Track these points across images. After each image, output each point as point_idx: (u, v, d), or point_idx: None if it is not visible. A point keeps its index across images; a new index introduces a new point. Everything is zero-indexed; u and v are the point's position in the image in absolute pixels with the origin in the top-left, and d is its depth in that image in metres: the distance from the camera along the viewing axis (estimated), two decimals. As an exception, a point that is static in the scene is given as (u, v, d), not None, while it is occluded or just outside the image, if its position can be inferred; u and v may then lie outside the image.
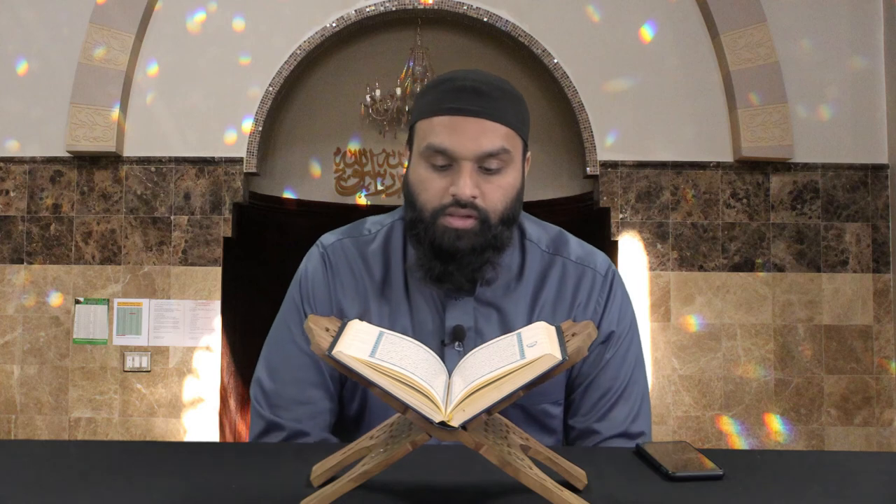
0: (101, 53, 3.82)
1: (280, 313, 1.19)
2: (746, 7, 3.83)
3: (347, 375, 0.70)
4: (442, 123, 1.05)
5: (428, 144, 1.06)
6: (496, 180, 1.06)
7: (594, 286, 1.16)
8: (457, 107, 1.05)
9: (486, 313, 1.12)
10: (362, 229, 1.20)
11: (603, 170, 3.91)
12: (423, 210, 1.07)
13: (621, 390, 1.15)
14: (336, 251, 1.17)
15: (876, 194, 3.89)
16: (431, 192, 1.06)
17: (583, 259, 1.18)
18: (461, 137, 1.04)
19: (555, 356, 0.69)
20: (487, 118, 1.04)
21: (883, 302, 3.85)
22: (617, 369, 1.15)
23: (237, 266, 4.03)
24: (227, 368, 3.96)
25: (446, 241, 1.05)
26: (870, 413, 3.82)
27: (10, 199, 3.90)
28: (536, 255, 1.16)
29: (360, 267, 1.15)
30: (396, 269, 1.15)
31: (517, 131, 1.08)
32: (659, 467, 0.83)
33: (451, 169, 1.05)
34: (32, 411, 3.81)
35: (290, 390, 1.13)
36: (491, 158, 1.05)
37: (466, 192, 1.04)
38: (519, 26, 3.93)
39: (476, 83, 1.06)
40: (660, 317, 3.84)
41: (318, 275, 1.16)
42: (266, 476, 0.83)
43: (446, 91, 1.07)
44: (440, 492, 0.79)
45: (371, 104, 4.41)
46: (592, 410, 1.14)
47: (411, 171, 1.11)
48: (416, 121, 1.10)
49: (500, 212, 1.06)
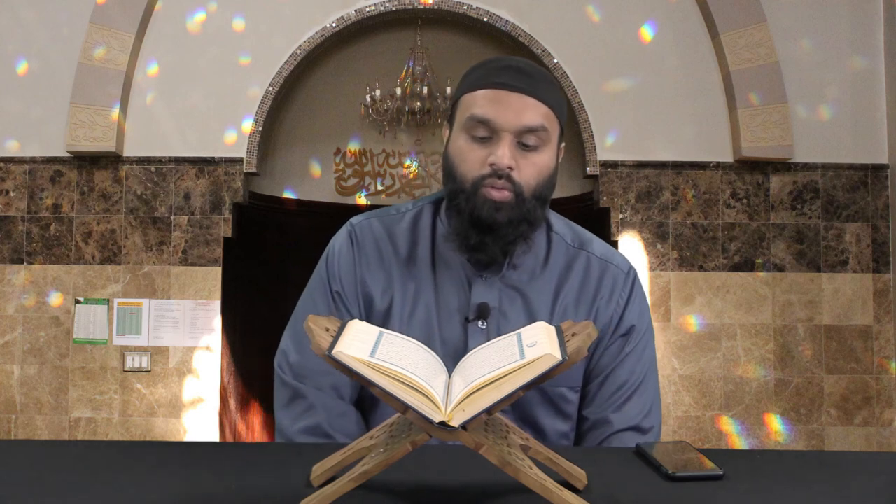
0: (101, 53, 3.82)
1: (307, 287, 1.23)
2: (746, 7, 3.83)
3: (347, 375, 0.70)
4: (486, 96, 1.08)
5: (471, 115, 1.09)
6: (532, 157, 1.09)
7: (616, 282, 1.19)
8: (502, 81, 1.08)
9: (510, 296, 1.15)
10: (391, 210, 1.23)
11: (603, 170, 3.92)
12: (463, 181, 1.10)
13: (637, 385, 1.18)
14: (364, 229, 1.20)
15: (876, 194, 3.89)
16: (470, 162, 1.09)
17: (606, 256, 1.21)
18: (504, 109, 1.07)
19: (555, 356, 0.69)
20: (531, 95, 1.08)
21: (883, 302, 3.85)
22: (634, 364, 1.18)
23: (237, 266, 4.03)
24: (227, 368, 3.96)
25: (485, 212, 1.08)
26: (870, 413, 3.82)
27: (10, 199, 3.90)
28: (562, 247, 1.19)
29: (387, 244, 1.18)
30: (424, 247, 1.17)
31: (556, 114, 1.12)
32: (659, 467, 0.83)
33: (490, 141, 1.08)
34: (32, 411, 3.81)
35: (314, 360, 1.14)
36: (530, 134, 1.08)
37: (505, 161, 1.06)
38: (519, 26, 3.93)
39: (521, 63, 1.12)
40: (660, 317, 3.84)
41: (343, 251, 1.19)
42: (266, 476, 0.83)
43: (492, 68, 1.11)
44: (440, 492, 0.79)
45: (371, 104, 4.41)
46: (608, 401, 1.17)
47: (451, 143, 1.14)
48: (460, 96, 1.13)
49: (532, 187, 1.09)
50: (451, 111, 1.17)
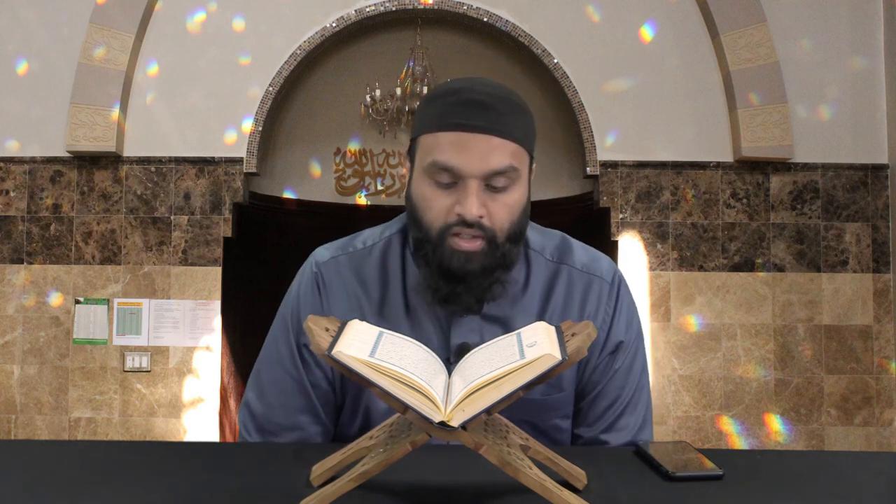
0: (101, 53, 3.82)
1: (271, 332, 1.16)
2: (746, 7, 3.83)
3: (347, 375, 0.70)
4: (448, 140, 1.01)
5: (433, 161, 1.01)
6: (502, 198, 1.02)
7: (601, 296, 1.14)
8: (463, 122, 1.00)
9: (492, 329, 1.09)
10: (356, 243, 1.16)
11: (603, 170, 3.91)
12: (429, 230, 1.03)
13: (628, 399, 1.14)
14: (330, 270, 1.13)
15: (876, 194, 3.89)
16: (436, 210, 1.03)
17: (588, 267, 1.15)
18: (468, 156, 1.00)
19: (554, 356, 0.69)
20: (495, 134, 1.00)
21: (883, 302, 3.85)
22: (625, 378, 1.14)
23: (237, 266, 4.03)
24: (227, 368, 3.96)
25: (455, 264, 1.02)
26: (870, 413, 3.82)
27: (10, 199, 3.90)
28: (541, 264, 1.14)
29: (356, 286, 1.11)
30: (395, 287, 1.11)
31: (524, 146, 1.04)
32: (659, 467, 0.83)
33: (456, 187, 1.01)
34: (32, 411, 3.81)
35: (279, 415, 1.11)
36: (498, 176, 1.01)
37: (473, 211, 1.00)
38: (519, 26, 3.93)
39: (483, 96, 1.02)
40: (660, 317, 3.84)
41: (308, 297, 1.12)
42: (266, 476, 0.83)
43: (452, 104, 1.02)
44: (440, 492, 0.79)
45: (371, 104, 4.41)
46: (600, 420, 1.14)
47: (414, 186, 1.07)
48: (420, 134, 1.06)
49: (507, 230, 1.03)
50: (411, 146, 1.09)
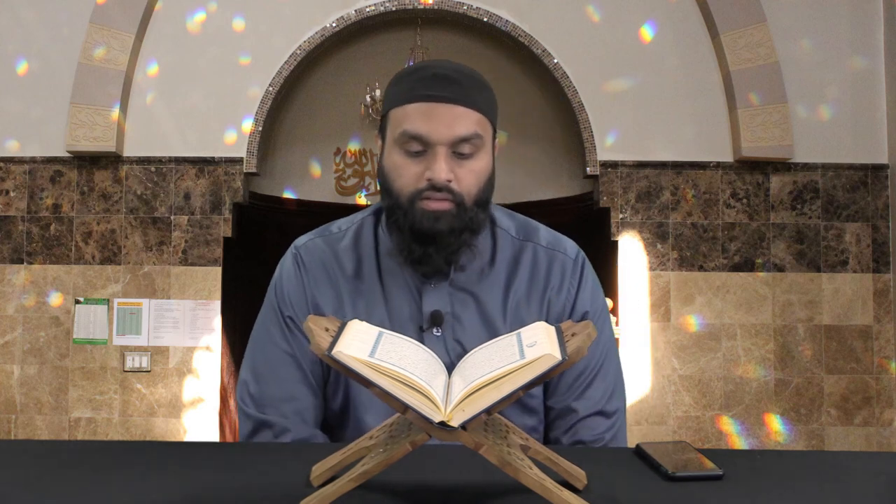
0: (101, 53, 3.82)
1: (259, 316, 1.22)
2: (746, 7, 3.83)
3: (347, 375, 0.70)
4: (417, 110, 1.08)
5: (403, 131, 1.08)
6: (469, 164, 1.09)
7: (565, 270, 1.19)
8: (431, 93, 1.08)
9: (462, 298, 1.15)
10: (332, 228, 1.24)
11: (603, 170, 3.91)
12: (399, 196, 1.10)
13: (597, 369, 1.17)
14: (309, 250, 1.20)
15: (876, 194, 3.89)
16: (406, 177, 1.09)
17: (553, 244, 1.21)
18: (436, 123, 1.06)
19: (554, 356, 0.69)
20: (461, 104, 1.07)
21: (883, 302, 3.85)
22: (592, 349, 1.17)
23: (237, 266, 4.03)
24: (227, 368, 3.96)
25: (425, 224, 1.07)
26: (870, 413, 3.82)
27: (10, 199, 3.90)
28: (507, 241, 1.19)
29: (333, 263, 1.18)
30: (368, 262, 1.18)
31: (488, 117, 1.11)
32: (659, 467, 0.83)
33: (425, 154, 1.08)
34: (32, 411, 3.81)
35: (275, 389, 1.15)
36: (464, 143, 1.08)
37: (442, 175, 1.06)
38: (519, 26, 3.93)
39: (448, 71, 1.10)
40: (660, 317, 3.84)
41: (291, 275, 1.19)
42: (266, 476, 0.83)
43: (419, 79, 1.10)
44: (440, 492, 0.79)
45: (371, 104, 4.41)
46: (570, 390, 1.17)
47: (385, 158, 1.13)
48: (389, 109, 1.13)
49: (474, 195, 1.10)
50: (382, 123, 1.16)
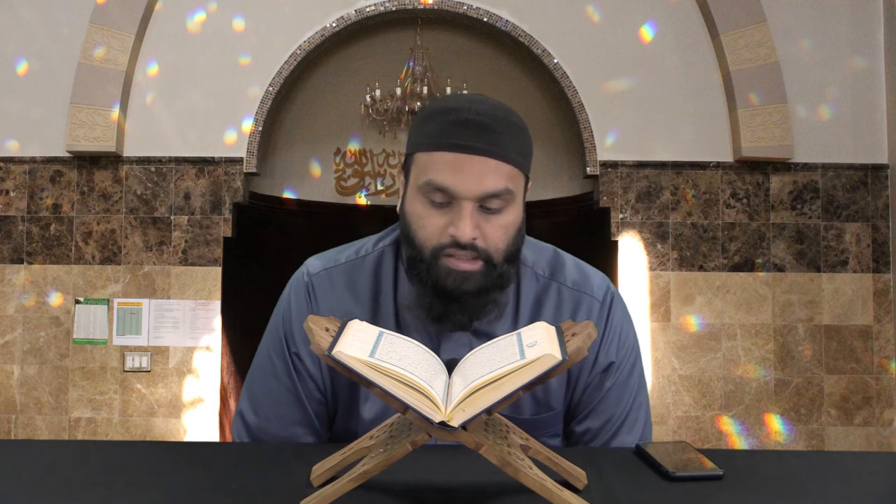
0: (101, 53, 3.82)
1: (263, 342, 1.16)
2: (746, 7, 3.82)
3: (347, 375, 0.70)
4: (444, 160, 0.99)
5: (428, 181, 1.00)
6: (497, 220, 1.01)
7: (591, 315, 1.12)
8: (460, 143, 0.99)
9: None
10: (349, 252, 1.15)
11: (603, 170, 3.91)
12: (422, 249, 1.02)
13: (623, 418, 1.12)
14: (322, 281, 1.12)
15: (876, 194, 3.89)
16: (429, 229, 1.02)
17: (579, 285, 1.14)
18: (464, 177, 0.99)
19: (555, 356, 0.69)
20: (492, 157, 0.99)
21: (883, 302, 3.85)
22: (619, 396, 1.12)
23: (237, 266, 4.03)
24: (227, 368, 3.96)
25: (450, 283, 1.00)
26: (870, 413, 3.81)
27: (10, 199, 3.89)
28: (532, 280, 1.13)
29: (348, 298, 1.11)
30: (386, 301, 1.10)
31: (520, 168, 1.03)
32: (659, 467, 0.83)
33: (450, 207, 1.01)
34: (32, 411, 3.81)
35: (273, 427, 1.11)
36: (493, 199, 1.00)
37: (467, 233, 0.99)
38: (519, 26, 3.93)
39: (481, 116, 1.00)
40: (660, 317, 3.84)
41: (301, 309, 1.12)
42: (266, 476, 0.83)
43: (450, 124, 1.01)
44: (440, 492, 0.79)
45: (371, 104, 4.41)
46: (594, 441, 1.11)
47: (408, 203, 1.05)
48: (415, 151, 1.05)
49: (502, 250, 1.02)
50: (406, 161, 1.07)
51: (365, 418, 1.08)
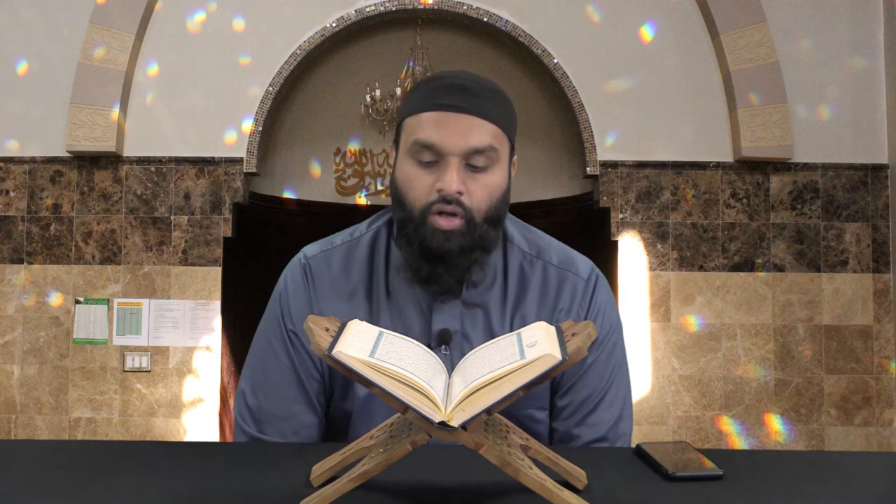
0: (101, 53, 3.82)
1: (261, 324, 1.18)
2: (746, 7, 3.83)
3: (347, 375, 0.70)
4: (430, 119, 1.05)
5: (415, 140, 1.05)
6: (482, 178, 1.05)
7: (576, 292, 1.15)
8: (445, 103, 1.04)
9: (472, 315, 1.12)
10: (345, 235, 1.19)
11: (603, 170, 3.91)
12: (411, 209, 1.06)
13: (603, 394, 1.14)
14: (318, 262, 1.16)
15: (876, 194, 3.89)
16: (418, 189, 1.06)
17: (565, 264, 1.17)
18: (448, 132, 1.03)
19: (555, 356, 0.69)
20: (476, 115, 1.04)
21: (883, 302, 3.85)
22: (601, 372, 1.14)
23: (237, 266, 4.03)
24: (227, 368, 3.96)
25: (435, 243, 1.04)
26: (870, 413, 3.82)
27: (10, 199, 3.90)
28: (518, 257, 1.16)
29: (342, 277, 1.14)
30: (379, 275, 1.14)
31: (505, 131, 1.07)
32: (659, 467, 0.83)
33: (437, 165, 1.05)
34: (32, 411, 3.81)
35: (274, 406, 1.13)
36: (478, 155, 1.04)
37: (453, 186, 1.03)
38: (519, 26, 3.93)
39: (465, 81, 1.07)
40: (660, 317, 3.84)
41: (297, 288, 1.14)
42: (266, 476, 0.83)
43: (435, 88, 1.07)
44: (440, 492, 0.79)
45: (371, 104, 4.41)
46: (575, 414, 1.14)
47: (398, 169, 1.10)
48: (404, 118, 1.09)
49: (484, 211, 1.06)
50: (397, 134, 1.12)
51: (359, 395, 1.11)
